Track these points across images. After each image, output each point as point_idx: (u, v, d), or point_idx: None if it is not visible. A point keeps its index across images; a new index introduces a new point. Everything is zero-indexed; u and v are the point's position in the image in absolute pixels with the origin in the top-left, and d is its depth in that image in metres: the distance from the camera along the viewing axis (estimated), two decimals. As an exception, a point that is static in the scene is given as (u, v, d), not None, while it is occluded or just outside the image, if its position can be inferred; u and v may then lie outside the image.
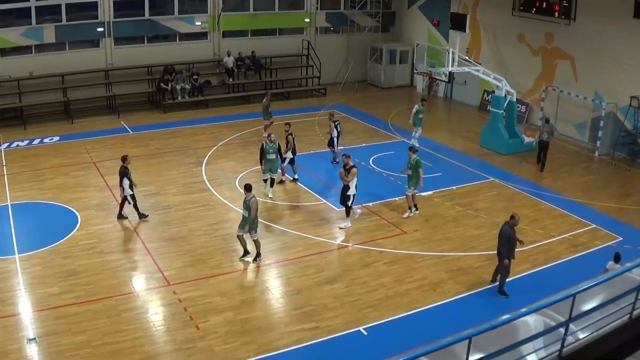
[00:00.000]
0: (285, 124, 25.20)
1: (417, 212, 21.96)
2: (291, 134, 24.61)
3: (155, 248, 19.19)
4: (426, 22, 39.92)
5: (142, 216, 21.07)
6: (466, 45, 35.81)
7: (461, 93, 38.22)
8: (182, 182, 24.35)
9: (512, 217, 16.74)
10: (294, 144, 24.52)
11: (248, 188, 18.06)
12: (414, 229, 20.96)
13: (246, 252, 18.57)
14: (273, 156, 22.74)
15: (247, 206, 17.84)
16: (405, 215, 21.75)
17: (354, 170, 20.39)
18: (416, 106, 28.30)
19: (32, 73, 32.29)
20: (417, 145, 26.76)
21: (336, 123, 26.78)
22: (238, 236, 18.38)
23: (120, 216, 21.05)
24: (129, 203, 20.85)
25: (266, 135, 23.71)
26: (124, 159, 20.82)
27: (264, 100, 29.83)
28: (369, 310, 16.25)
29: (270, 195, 22.93)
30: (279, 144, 22.93)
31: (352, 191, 20.56)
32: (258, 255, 18.55)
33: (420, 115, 28.16)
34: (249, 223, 17.86)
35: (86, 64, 33.75)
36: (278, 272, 18.29)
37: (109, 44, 34.42)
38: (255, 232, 18.16)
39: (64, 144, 28.47)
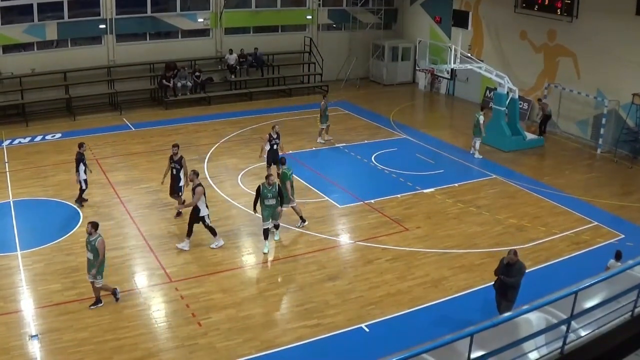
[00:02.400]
0: (273, 127, 23.96)
1: (306, 223, 20.73)
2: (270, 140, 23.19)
3: (157, 245, 19.21)
4: (428, 19, 39.88)
5: (81, 201, 21.69)
6: (468, 43, 35.77)
7: (463, 90, 38.19)
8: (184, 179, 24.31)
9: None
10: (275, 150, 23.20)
11: (95, 226, 15.39)
12: (416, 226, 20.95)
13: (98, 302, 16.00)
14: (272, 202, 18.80)
15: (92, 247, 15.24)
16: (298, 225, 20.75)
17: (199, 189, 18.42)
18: (477, 115, 27.66)
19: (34, 70, 32.31)
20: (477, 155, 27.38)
21: (275, 137, 23.63)
22: (91, 282, 15.77)
23: (80, 200, 21.78)
24: (81, 188, 21.59)
25: (270, 176, 19.27)
26: (80, 145, 21.72)
27: (322, 102, 29.34)
28: (371, 307, 16.26)
29: (276, 238, 19.81)
30: (278, 186, 18.99)
31: (203, 212, 18.74)
32: (114, 295, 16.13)
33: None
34: (96, 267, 15.39)
35: (88, 61, 33.78)
36: (280, 269, 18.28)
37: (111, 41, 34.43)
38: (102, 277, 15.62)
39: (65, 141, 28.46)
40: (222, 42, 37.67)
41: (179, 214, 20.96)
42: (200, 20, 36.48)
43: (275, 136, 23.58)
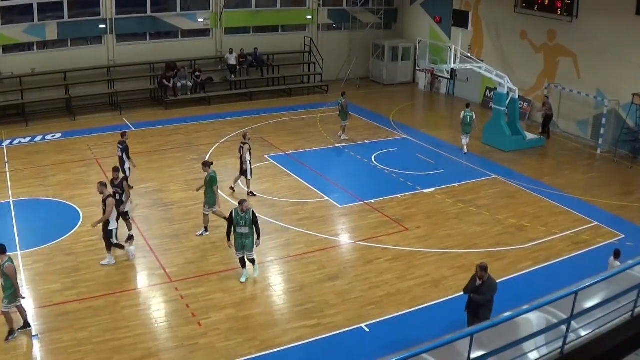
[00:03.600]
0: (243, 136, 23.37)
1: (207, 233, 19.99)
2: (243, 146, 22.65)
3: (158, 245, 19.20)
4: (428, 19, 39.88)
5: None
6: (468, 42, 35.78)
7: (463, 90, 38.18)
8: (184, 179, 24.37)
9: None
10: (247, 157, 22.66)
11: (2, 250, 14.27)
12: (416, 226, 20.94)
13: (11, 332, 14.69)
14: (245, 230, 16.81)
15: (1, 273, 14.18)
16: (198, 233, 20.05)
17: (110, 200, 17.33)
18: (469, 113, 27.97)
19: (34, 70, 32.31)
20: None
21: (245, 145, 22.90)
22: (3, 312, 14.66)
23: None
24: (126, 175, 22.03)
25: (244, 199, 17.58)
26: (123, 134, 22.95)
27: (343, 100, 29.40)
28: (371, 307, 16.25)
29: (255, 274, 17.68)
30: (253, 213, 16.92)
31: (112, 225, 17.61)
32: (26, 326, 14.85)
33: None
34: (7, 297, 14.31)
35: (88, 60, 33.80)
36: (280, 269, 18.29)
37: (111, 40, 34.43)
38: (13, 302, 14.48)
39: (66, 141, 28.49)
40: (222, 42, 37.67)
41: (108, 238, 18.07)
42: (200, 20, 36.48)
43: (245, 141, 22.95)
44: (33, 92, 32.14)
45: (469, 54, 31.18)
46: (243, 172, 22.98)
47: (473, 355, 8.58)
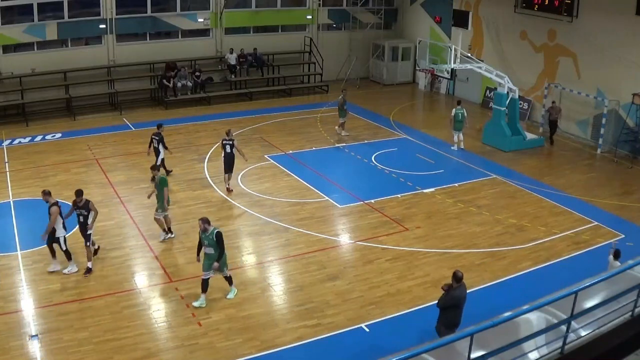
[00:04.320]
0: (227, 133, 23.34)
1: (173, 235, 19.66)
2: (233, 143, 22.78)
3: (158, 245, 19.19)
4: (428, 19, 39.89)
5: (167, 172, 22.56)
6: (468, 42, 35.77)
7: (463, 90, 38.18)
8: (184, 179, 24.36)
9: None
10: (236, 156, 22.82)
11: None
12: (416, 225, 20.94)
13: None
14: (210, 250, 15.97)
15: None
16: (161, 238, 19.52)
17: (54, 209, 16.90)
18: (461, 110, 28.15)
19: (34, 70, 32.32)
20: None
21: (230, 142, 23.01)
22: None
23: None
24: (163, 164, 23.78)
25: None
26: (159, 126, 24.82)
27: (340, 97, 29.63)
28: (371, 307, 16.25)
29: (229, 296, 16.65)
30: (217, 234, 15.82)
31: (60, 232, 17.17)
32: None
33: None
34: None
35: (88, 60, 33.82)
36: (280, 269, 18.29)
37: (111, 40, 34.44)
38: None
39: (66, 141, 28.49)
40: (222, 42, 37.67)
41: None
42: (201, 20, 36.49)
43: (228, 138, 23.05)
44: (33, 92, 32.15)
45: (469, 54, 31.18)
46: (229, 169, 23.09)
47: (473, 355, 8.58)
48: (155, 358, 14.08)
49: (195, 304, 16.07)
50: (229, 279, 16.56)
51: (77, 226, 17.82)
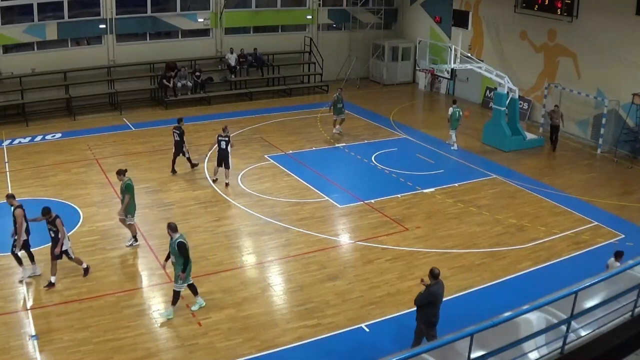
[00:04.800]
0: (223, 129, 23.87)
1: (137, 243, 19.17)
2: (229, 140, 23.41)
3: (157, 245, 19.18)
4: (428, 19, 39.89)
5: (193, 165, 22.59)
6: (468, 42, 35.78)
7: (463, 90, 38.19)
8: (184, 179, 24.37)
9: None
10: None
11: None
12: (416, 225, 20.94)
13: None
14: (174, 259, 15.40)
15: None
16: (128, 244, 19.14)
17: (18, 212, 16.61)
18: (457, 109, 28.24)
19: (34, 70, 32.32)
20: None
21: (226, 139, 23.61)
22: None
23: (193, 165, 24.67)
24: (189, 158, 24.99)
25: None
26: (180, 120, 24.97)
27: (335, 95, 29.84)
28: (371, 307, 16.25)
29: (193, 308, 15.98)
30: (179, 244, 15.11)
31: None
32: None
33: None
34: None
35: (88, 60, 33.82)
36: (280, 269, 18.29)
37: (111, 40, 34.44)
38: None
39: (66, 141, 28.49)
40: (222, 42, 37.67)
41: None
42: (201, 20, 36.49)
43: (224, 134, 23.53)
44: (33, 92, 32.15)
45: (469, 54, 31.17)
46: (222, 165, 23.59)
47: (473, 355, 8.58)
48: (155, 358, 14.08)
49: (164, 313, 15.71)
50: (195, 289, 16.02)
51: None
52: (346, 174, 25.59)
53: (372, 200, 22.78)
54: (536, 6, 31.71)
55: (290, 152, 27.59)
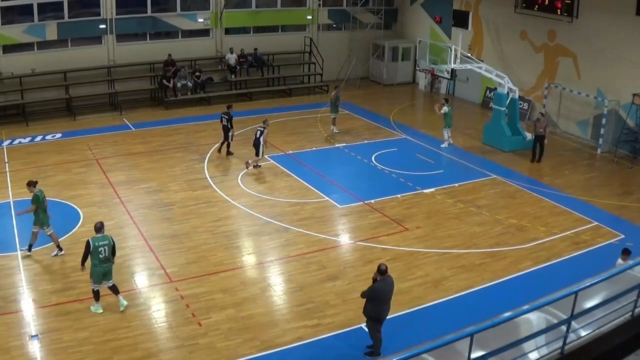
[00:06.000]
0: (264, 121, 25.75)
1: (62, 253, 18.41)
2: (263, 130, 25.27)
3: (158, 245, 19.19)
4: (428, 19, 39.89)
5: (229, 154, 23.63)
6: (468, 43, 35.79)
7: (463, 90, 38.20)
8: (185, 179, 24.36)
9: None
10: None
11: None
12: (416, 226, 20.95)
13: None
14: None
15: None
16: (53, 253, 18.41)
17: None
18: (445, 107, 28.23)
19: (34, 70, 32.32)
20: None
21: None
22: None
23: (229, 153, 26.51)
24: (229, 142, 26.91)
25: None
26: (229, 106, 27.10)
27: (332, 93, 30.42)
28: (371, 307, 16.24)
29: (121, 309, 15.81)
30: (110, 241, 15.57)
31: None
32: None
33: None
34: None
35: (88, 61, 33.80)
36: (280, 269, 18.29)
37: (111, 41, 34.43)
38: None
39: (66, 141, 28.49)
40: (222, 42, 37.67)
41: None
42: (201, 20, 36.48)
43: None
44: (33, 92, 32.13)
45: (469, 54, 31.17)
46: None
47: (473, 355, 8.57)
48: (155, 358, 14.08)
49: (96, 309, 15.64)
50: (116, 290, 15.81)
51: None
52: (346, 174, 25.59)
53: (372, 201, 22.79)
54: (536, 6, 31.71)
55: (291, 152, 27.60)
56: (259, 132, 25.24)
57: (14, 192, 22.60)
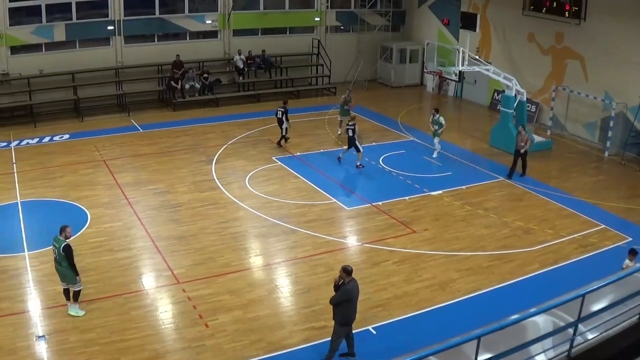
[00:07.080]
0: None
1: None
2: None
3: (165, 246, 19.22)
4: (436, 21, 39.87)
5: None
6: (476, 45, 35.72)
7: (471, 92, 38.16)
8: (192, 181, 24.39)
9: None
10: None
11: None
12: (423, 228, 20.92)
13: None
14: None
15: None
16: None
17: None
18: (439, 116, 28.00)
19: (43, 71, 32.42)
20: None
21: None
22: None
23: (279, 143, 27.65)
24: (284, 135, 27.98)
25: None
26: (285, 101, 28.77)
27: (343, 96, 30.76)
28: (378, 309, 16.24)
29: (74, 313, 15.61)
30: (66, 247, 15.22)
31: None
32: None
33: (435, 126, 27.80)
34: None
35: (96, 62, 33.89)
36: (287, 271, 18.29)
37: (119, 42, 34.51)
38: None
39: (74, 142, 28.56)
40: (230, 43, 37.72)
41: None
42: (209, 21, 36.52)
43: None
44: (41, 93, 32.23)
45: (477, 57, 31.14)
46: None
47: (480, 358, 8.57)
48: (162, 359, 14.10)
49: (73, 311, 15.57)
50: (76, 294, 15.66)
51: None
52: (354, 176, 25.59)
53: (380, 203, 22.77)
54: (544, 9, 31.65)
55: (298, 154, 27.60)
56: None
57: (21, 193, 22.67)
